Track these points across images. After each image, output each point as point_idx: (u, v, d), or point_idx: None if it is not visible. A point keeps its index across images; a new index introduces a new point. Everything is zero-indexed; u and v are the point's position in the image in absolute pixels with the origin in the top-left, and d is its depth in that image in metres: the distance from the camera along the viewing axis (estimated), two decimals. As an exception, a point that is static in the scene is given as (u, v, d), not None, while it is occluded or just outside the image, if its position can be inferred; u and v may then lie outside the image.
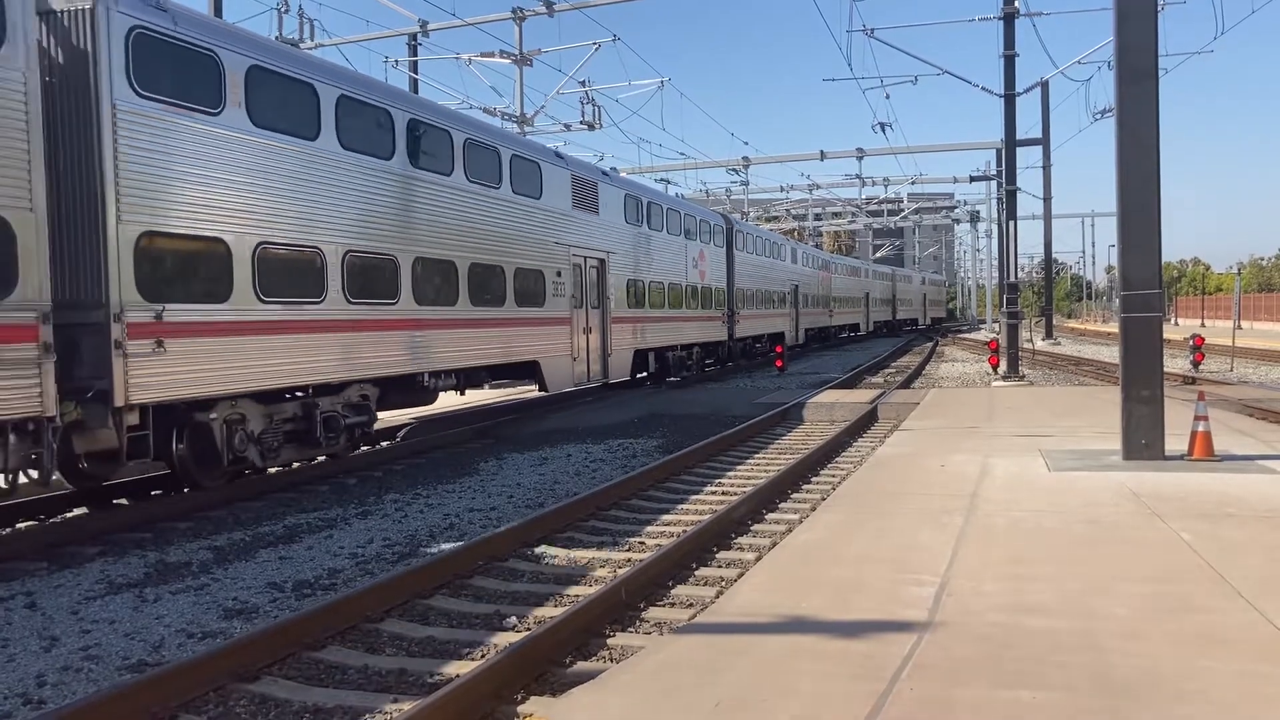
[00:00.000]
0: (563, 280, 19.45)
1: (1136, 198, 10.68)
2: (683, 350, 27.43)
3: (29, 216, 8.79)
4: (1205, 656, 4.90)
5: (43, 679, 6.08)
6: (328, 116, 12.78)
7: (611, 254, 22.06)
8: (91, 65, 9.74)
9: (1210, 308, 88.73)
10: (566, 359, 19.53)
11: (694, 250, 28.57)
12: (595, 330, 21.04)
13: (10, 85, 8.58)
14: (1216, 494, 8.89)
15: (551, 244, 19.03)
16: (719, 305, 30.87)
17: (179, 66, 10.68)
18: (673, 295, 26.39)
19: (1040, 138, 46.47)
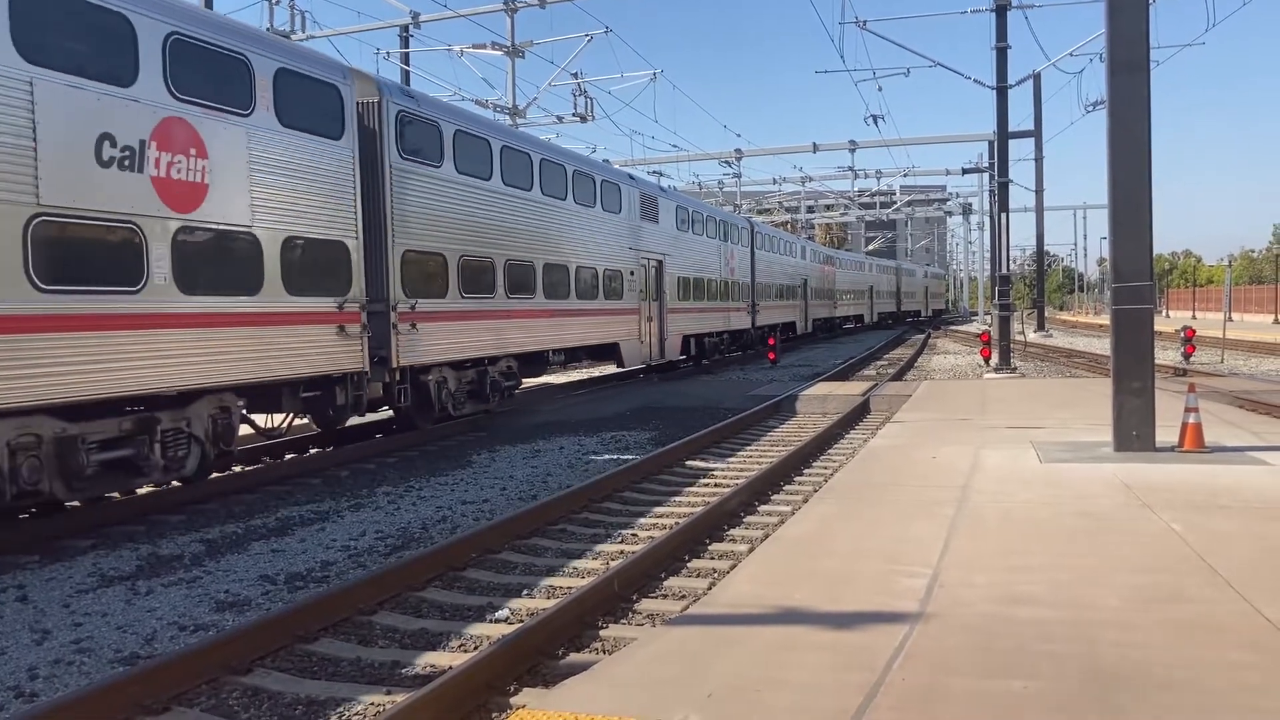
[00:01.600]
0: (634, 278, 23.96)
1: (1128, 190, 10.70)
2: (716, 336, 31.52)
3: (355, 242, 13.37)
4: (1195, 646, 4.92)
5: (34, 672, 6.08)
6: (497, 163, 17.45)
7: (667, 256, 26.58)
8: (378, 138, 14.19)
9: (1201, 300, 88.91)
10: (636, 342, 23.99)
11: (726, 251, 33.05)
12: (655, 319, 25.55)
13: (345, 160, 13.20)
14: (1207, 485, 8.92)
15: (626, 249, 23.60)
16: (745, 298, 35.29)
17: (420, 134, 15.22)
18: (711, 290, 30.87)
19: (1032, 130, 46.57)
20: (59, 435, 9.45)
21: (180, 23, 10.61)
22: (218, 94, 11.08)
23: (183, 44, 10.59)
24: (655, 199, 26.20)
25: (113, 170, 9.76)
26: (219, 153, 11.04)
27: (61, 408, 9.39)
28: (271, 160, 11.84)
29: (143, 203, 10.07)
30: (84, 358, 9.42)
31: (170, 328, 10.40)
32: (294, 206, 12.24)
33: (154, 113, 10.23)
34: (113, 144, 9.76)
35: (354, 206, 13.31)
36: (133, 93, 9.99)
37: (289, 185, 12.15)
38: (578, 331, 20.69)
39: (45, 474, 9.34)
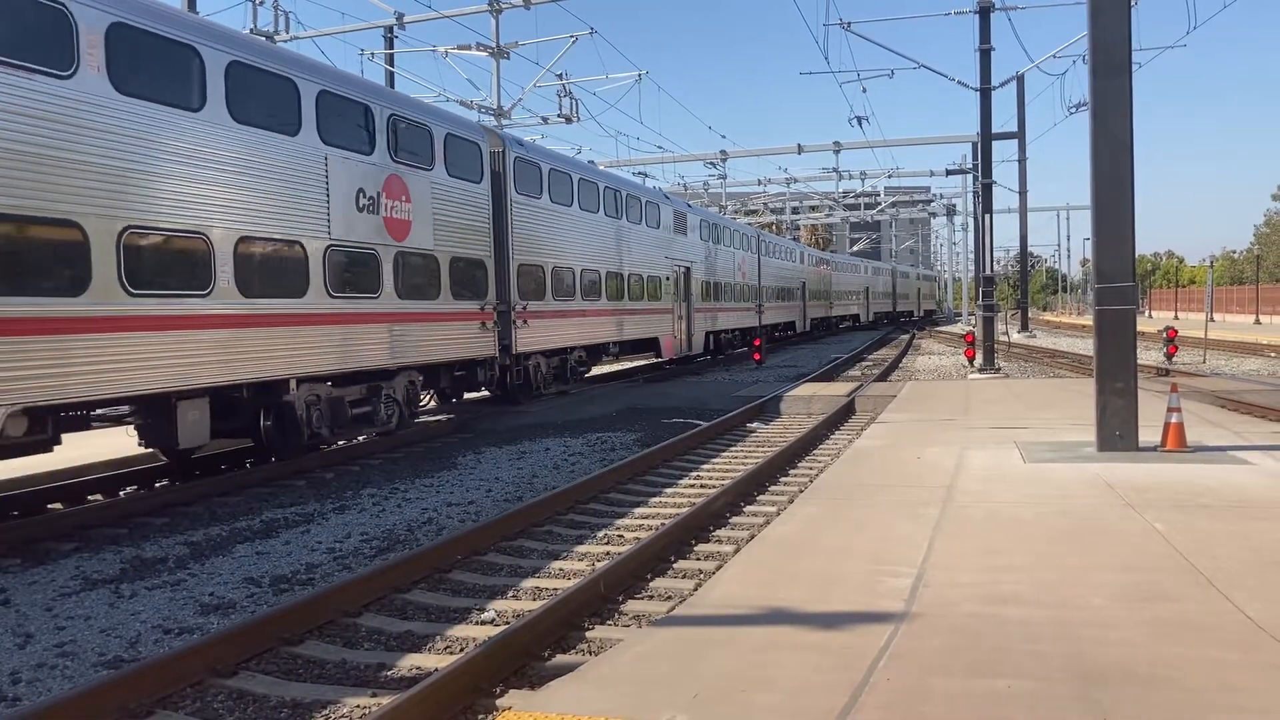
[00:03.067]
0: (670, 282, 28.26)
1: (1110, 191, 10.76)
2: (730, 333, 35.74)
3: (489, 258, 17.75)
4: (1178, 645, 4.96)
5: (17, 676, 6.04)
6: (575, 192, 21.88)
7: (693, 264, 30.73)
8: (503, 179, 18.46)
9: (1184, 300, 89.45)
10: (671, 337, 28.41)
11: (739, 257, 37.37)
12: (684, 318, 29.77)
13: (483, 197, 17.65)
14: (1189, 484, 8.98)
15: (664, 258, 27.91)
16: (753, 299, 39.58)
17: (528, 174, 19.57)
18: (727, 292, 35.19)
19: (1016, 131, 46.78)
20: (330, 396, 13.62)
21: (397, 106, 15.33)
22: (415, 156, 15.47)
23: (398, 119, 15.06)
24: (685, 215, 30.74)
25: (364, 214, 14.07)
26: (416, 197, 15.43)
27: (330, 376, 13.52)
28: (443, 200, 16.25)
29: (379, 235, 14.46)
30: (348, 342, 13.70)
31: (392, 322, 14.74)
32: (456, 234, 16.63)
33: (383, 172, 14.58)
34: (364, 195, 14.09)
35: (489, 231, 17.77)
36: (373, 159, 14.34)
37: (454, 218, 16.58)
38: (630, 328, 25.14)
39: (324, 422, 13.41)
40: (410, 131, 15.33)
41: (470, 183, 17.10)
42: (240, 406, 12.36)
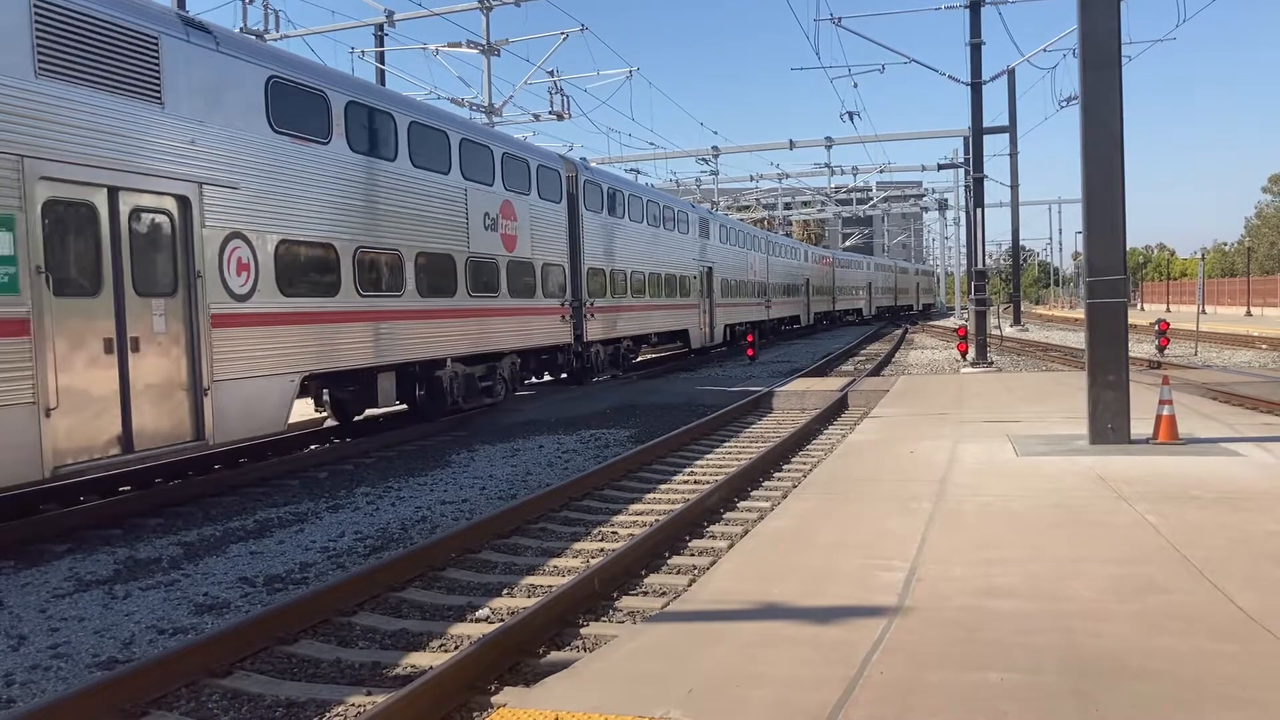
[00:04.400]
0: (696, 281, 31.85)
1: (1101, 184, 10.79)
2: (744, 326, 38.08)
3: (566, 263, 21.42)
4: (1170, 636, 4.98)
5: (11, 678, 6.03)
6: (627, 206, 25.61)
7: (715, 264, 34.31)
8: (577, 199, 22.15)
9: (1175, 293, 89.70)
10: (698, 329, 31.97)
11: (750, 257, 40.98)
12: (708, 312, 33.26)
13: (562, 214, 21.32)
14: (1181, 477, 9.01)
15: (692, 260, 31.57)
16: (763, 295, 42.97)
17: (594, 193, 23.27)
18: (742, 289, 38.98)
19: (1007, 125, 46.80)
20: (464, 372, 17.21)
21: (508, 146, 19.25)
22: (518, 184, 19.14)
23: (508, 156, 18.84)
24: (708, 221, 34.63)
25: (489, 231, 17.92)
26: (520, 217, 19.20)
27: (465, 358, 17.23)
28: (536, 219, 19.94)
29: (498, 248, 18.29)
30: (479, 330, 17.48)
31: (506, 315, 18.53)
32: (544, 244, 20.30)
33: (499, 198, 18.37)
34: (488, 217, 17.92)
35: (565, 242, 21.52)
36: (493, 189, 18.14)
37: (543, 232, 20.24)
38: (666, 320, 28.78)
39: (460, 392, 17.01)
40: (515, 165, 19.13)
41: (553, 203, 20.91)
42: (408, 379, 15.97)
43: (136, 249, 10.23)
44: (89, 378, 9.57)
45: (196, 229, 10.97)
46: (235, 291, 11.55)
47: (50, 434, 9.09)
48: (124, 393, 9.94)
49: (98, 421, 9.66)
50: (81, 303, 9.58)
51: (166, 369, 10.53)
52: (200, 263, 10.98)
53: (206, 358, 10.96)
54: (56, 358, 9.22)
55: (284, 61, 13.00)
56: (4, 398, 8.69)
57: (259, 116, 12.09)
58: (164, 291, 10.62)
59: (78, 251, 9.64)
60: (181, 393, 10.72)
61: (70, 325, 9.42)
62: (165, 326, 10.56)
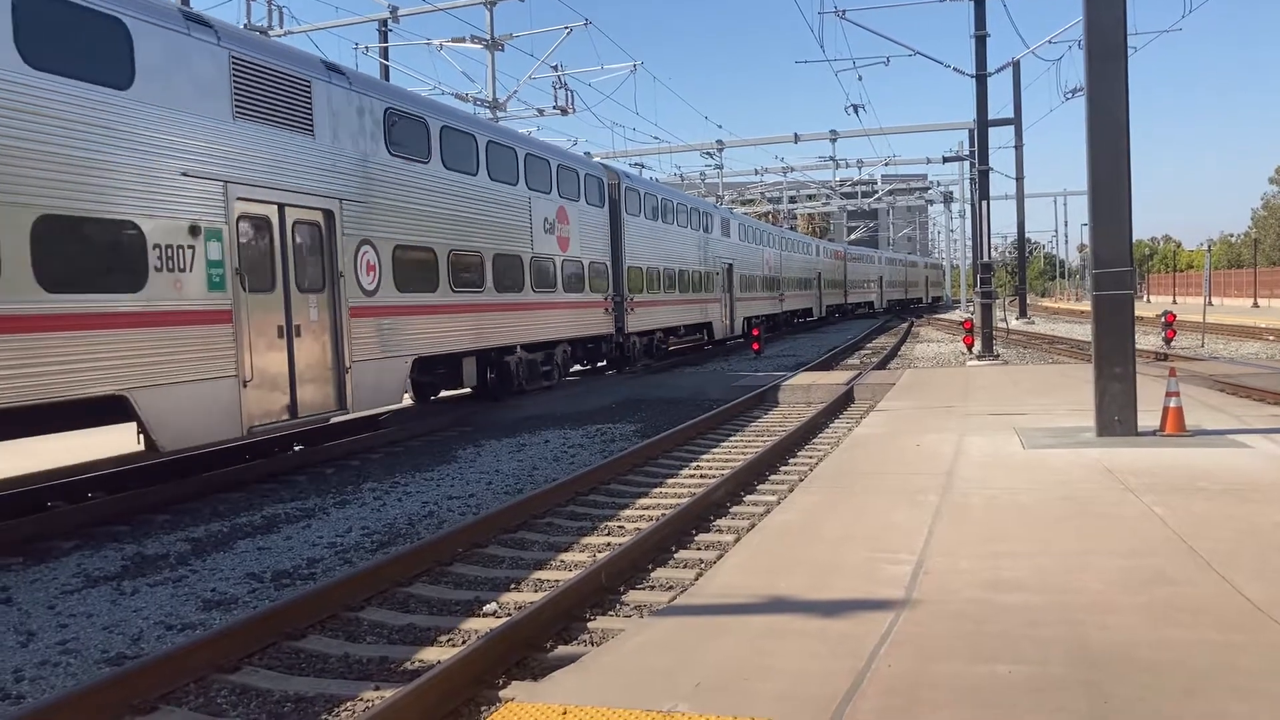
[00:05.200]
0: (718, 277, 34.16)
1: (1107, 176, 10.75)
2: (760, 318, 41.18)
3: (609, 263, 23.47)
4: (1177, 627, 4.97)
5: (20, 674, 6.05)
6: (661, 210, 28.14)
7: (734, 260, 36.57)
8: (618, 204, 24.24)
9: (1182, 285, 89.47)
10: (720, 321, 34.25)
11: (766, 254, 43.25)
12: (728, 305, 35.53)
13: (604, 218, 23.41)
14: (1188, 468, 8.99)
15: (714, 257, 33.72)
16: (776, 289, 45.08)
17: (633, 199, 25.52)
18: (758, 284, 41.17)
19: (1012, 117, 46.75)
20: (527, 358, 19.35)
21: (562, 158, 21.63)
22: (570, 191, 21.40)
23: (562, 167, 21.14)
24: (728, 220, 37.40)
25: (547, 235, 20.13)
26: (572, 221, 21.48)
27: (528, 345, 19.28)
28: (584, 222, 22.18)
29: (554, 249, 20.47)
30: (540, 321, 19.72)
31: (561, 309, 20.72)
32: (591, 245, 22.56)
33: (555, 205, 20.57)
34: (547, 222, 20.11)
35: (608, 242, 23.71)
36: (550, 196, 20.34)
37: (590, 234, 22.53)
38: (693, 314, 31.04)
39: (523, 375, 19.12)
40: (568, 174, 21.39)
41: (598, 208, 23.19)
42: (483, 364, 17.96)
43: (297, 254, 12.51)
44: (269, 358, 11.86)
45: (338, 237, 13.28)
46: (365, 288, 13.84)
47: (246, 402, 11.30)
48: (291, 370, 12.24)
49: (275, 392, 11.96)
50: (263, 297, 11.82)
51: (319, 352, 12.88)
52: (341, 264, 13.29)
53: (346, 343, 13.29)
54: (250, 341, 11.49)
55: (396, 94, 15.57)
56: (217, 372, 10.90)
57: (380, 142, 14.40)
58: (316, 288, 12.90)
59: (259, 256, 11.84)
60: (329, 371, 13.06)
61: (256, 315, 11.67)
62: (317, 317, 12.89)
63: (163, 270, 10.30)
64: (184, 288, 10.56)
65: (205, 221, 10.87)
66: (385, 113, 14.53)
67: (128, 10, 10.05)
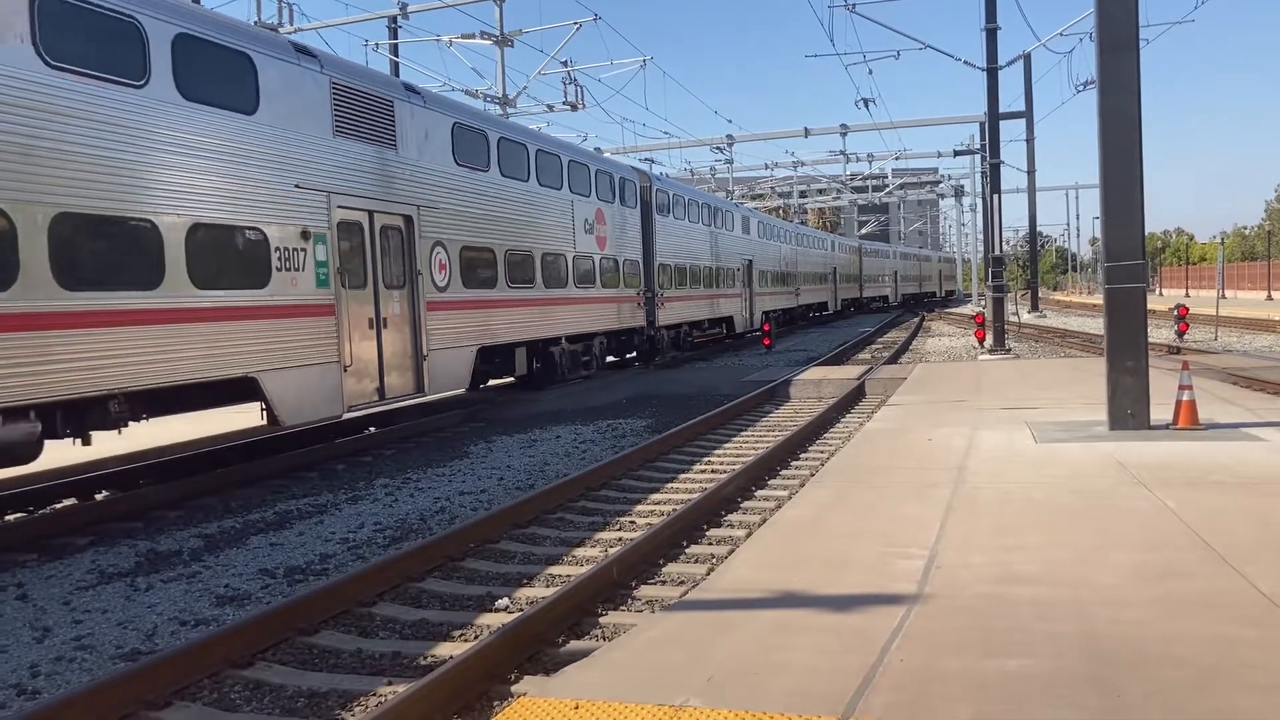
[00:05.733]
0: (739, 273, 35.44)
1: (1119, 169, 10.71)
2: (778, 312, 42.90)
3: (641, 260, 24.85)
4: (1191, 622, 4.95)
5: (36, 669, 6.09)
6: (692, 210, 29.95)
7: (754, 257, 37.87)
8: (650, 205, 25.63)
9: (1194, 277, 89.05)
10: (740, 315, 35.40)
11: (783, 250, 44.49)
12: (748, 300, 36.68)
13: (638, 217, 24.89)
14: (1201, 462, 8.96)
15: (736, 254, 34.95)
16: (793, 284, 46.14)
17: (663, 200, 26.89)
18: (775, 279, 42.39)
19: (1023, 111, 46.57)
20: (569, 349, 20.68)
21: (600, 164, 23.14)
22: (606, 194, 22.89)
23: (599, 172, 22.58)
24: (748, 218, 38.59)
25: (587, 234, 21.58)
26: (608, 221, 22.95)
27: (570, 337, 20.64)
28: (619, 222, 23.63)
29: (593, 248, 21.92)
30: (582, 315, 21.21)
31: (599, 303, 22.20)
32: (625, 244, 23.94)
33: (594, 206, 22.03)
34: (587, 223, 21.58)
35: (640, 241, 25.12)
36: (590, 199, 21.78)
37: (624, 234, 23.98)
38: (717, 308, 32.41)
39: (566, 365, 20.41)
40: (604, 178, 22.81)
41: (631, 209, 24.61)
42: (530, 354, 19.20)
43: (384, 254, 14.02)
44: (362, 346, 13.40)
45: (417, 239, 14.81)
46: (438, 285, 15.34)
47: (346, 384, 12.88)
48: (380, 357, 13.75)
49: (367, 377, 13.51)
50: (357, 293, 13.40)
51: (401, 341, 14.38)
52: (419, 264, 14.79)
53: (424, 333, 14.82)
54: (349, 331, 13.06)
55: (461, 110, 17.19)
56: (324, 358, 12.50)
57: (448, 154, 15.93)
58: (398, 285, 14.39)
59: (354, 257, 13.41)
60: (409, 358, 14.57)
61: (353, 309, 13.26)
62: (400, 310, 14.40)
63: (282, 270, 11.91)
64: (298, 284, 12.17)
65: (313, 227, 12.47)
66: (453, 127, 16.15)
67: (253, 46, 11.73)
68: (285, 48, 12.40)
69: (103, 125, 9.67)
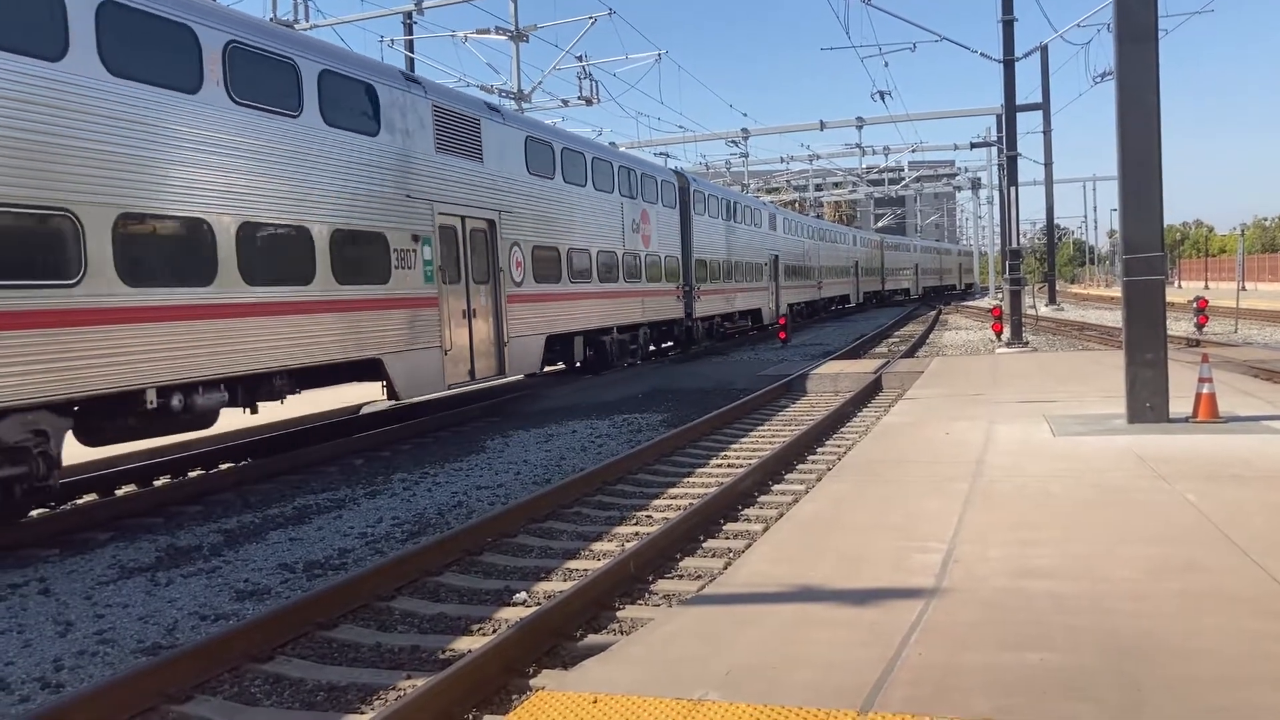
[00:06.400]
0: (767, 267, 37.40)
1: (1137, 161, 10.64)
2: (802, 305, 45.07)
3: (679, 256, 27.19)
4: (1212, 616, 4.93)
5: (59, 663, 6.15)
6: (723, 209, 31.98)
7: (780, 252, 40.05)
8: (688, 205, 27.85)
9: (1214, 270, 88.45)
10: (767, 307, 37.28)
11: (806, 245, 46.36)
12: (774, 293, 38.62)
13: (676, 216, 27.12)
14: (1221, 455, 8.90)
15: (763, 249, 37.07)
16: (814, 277, 47.97)
17: (699, 200, 28.89)
18: (800, 273, 44.61)
19: (1040, 102, 46.28)
20: (619, 338, 22.47)
21: (644, 168, 25.10)
22: (650, 195, 24.89)
23: (644, 175, 24.72)
24: (775, 215, 40.90)
25: (635, 234, 23.59)
26: (652, 221, 24.92)
27: (620, 328, 22.54)
28: (661, 222, 25.73)
29: (639, 245, 23.93)
30: (630, 307, 23.13)
31: (645, 296, 24.09)
32: (666, 241, 25.99)
33: (640, 207, 24.13)
34: (634, 223, 23.61)
35: (679, 238, 27.20)
36: (637, 201, 23.90)
37: (665, 232, 26.04)
38: (747, 300, 34.30)
39: (615, 353, 22.30)
40: (649, 181, 24.92)
41: (670, 209, 26.57)
42: (587, 343, 20.96)
43: (473, 254, 16.15)
44: (457, 333, 15.52)
45: (499, 240, 16.92)
46: (515, 280, 17.42)
47: (446, 366, 15.00)
48: (470, 343, 15.89)
49: (461, 360, 15.62)
50: (453, 287, 15.48)
51: (486, 330, 16.55)
52: (500, 261, 16.88)
53: (505, 323, 16.95)
54: (447, 320, 15.14)
55: (533, 125, 19.34)
56: (430, 343, 14.63)
57: (522, 164, 17.93)
58: (484, 280, 16.51)
59: (450, 256, 15.44)
60: (493, 345, 16.70)
61: (450, 301, 15.36)
62: (485, 302, 16.53)
63: (399, 268, 13.90)
64: (410, 280, 14.17)
65: (420, 231, 14.44)
66: (525, 140, 18.18)
67: (376, 77, 13.72)
68: (397, 77, 14.43)
69: (269, 149, 11.61)
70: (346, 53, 13.95)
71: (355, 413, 17.02)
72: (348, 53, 13.98)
